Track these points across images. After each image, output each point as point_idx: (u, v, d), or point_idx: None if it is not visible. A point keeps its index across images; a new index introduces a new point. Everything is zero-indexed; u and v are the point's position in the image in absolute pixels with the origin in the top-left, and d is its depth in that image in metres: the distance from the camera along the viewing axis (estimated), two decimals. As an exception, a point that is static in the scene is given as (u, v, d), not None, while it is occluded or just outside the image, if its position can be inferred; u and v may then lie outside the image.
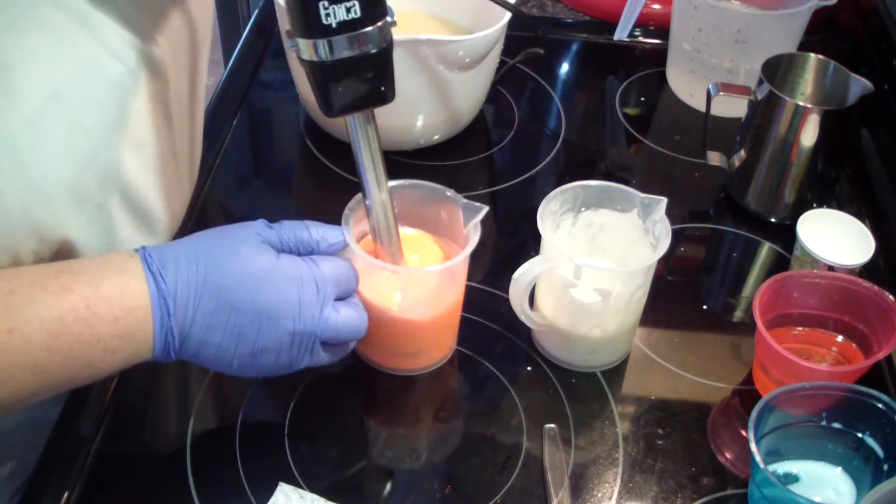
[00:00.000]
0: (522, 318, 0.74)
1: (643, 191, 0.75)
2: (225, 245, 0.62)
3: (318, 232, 0.66)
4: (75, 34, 0.58)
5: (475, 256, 0.71)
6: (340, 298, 0.66)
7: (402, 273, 0.70)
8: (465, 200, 0.72)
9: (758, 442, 0.63)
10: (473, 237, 0.70)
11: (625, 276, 0.73)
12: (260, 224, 0.65)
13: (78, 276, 0.57)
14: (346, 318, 0.65)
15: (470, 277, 0.83)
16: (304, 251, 0.65)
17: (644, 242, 0.75)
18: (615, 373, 0.77)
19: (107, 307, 0.57)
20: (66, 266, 0.58)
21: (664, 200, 0.73)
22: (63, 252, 0.62)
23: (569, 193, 0.76)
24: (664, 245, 0.71)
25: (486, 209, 0.70)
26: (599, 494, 0.68)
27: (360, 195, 0.69)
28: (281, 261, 0.63)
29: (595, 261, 0.79)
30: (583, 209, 0.77)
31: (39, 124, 0.56)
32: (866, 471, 0.67)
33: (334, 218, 0.92)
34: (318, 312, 0.63)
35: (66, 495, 0.66)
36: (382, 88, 0.64)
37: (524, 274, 0.71)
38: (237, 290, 0.61)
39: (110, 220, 0.65)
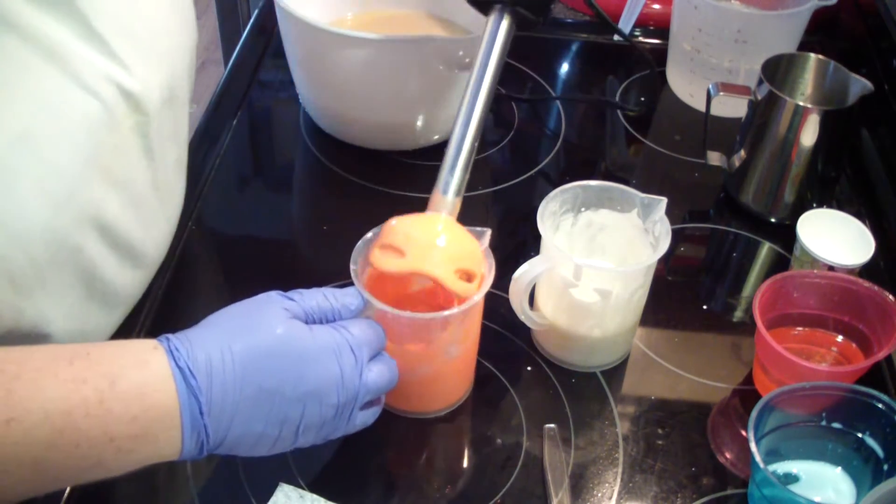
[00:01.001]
0: (522, 318, 0.74)
1: (643, 191, 0.75)
2: (259, 326, 0.57)
3: (337, 300, 0.62)
4: (42, 68, 0.55)
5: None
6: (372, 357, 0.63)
7: (429, 321, 0.68)
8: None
9: (758, 442, 0.63)
10: (489, 272, 0.67)
11: (625, 276, 0.73)
12: (279, 297, 0.60)
13: (94, 365, 0.52)
14: (379, 373, 0.62)
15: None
16: (328, 319, 0.62)
17: (644, 242, 0.75)
18: (615, 373, 0.77)
19: (123, 405, 0.52)
20: (83, 351, 0.53)
21: (664, 200, 0.73)
22: (38, 301, 0.59)
23: (569, 193, 0.76)
24: (664, 245, 0.71)
25: (489, 232, 0.68)
26: (599, 494, 0.68)
27: (363, 238, 0.68)
28: (315, 335, 0.59)
29: (595, 261, 0.79)
30: (583, 209, 0.77)
31: (8, 166, 0.53)
32: (866, 471, 0.67)
33: (336, 218, 0.92)
34: (358, 379, 0.60)
35: (66, 495, 0.66)
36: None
37: (524, 274, 0.71)
38: (280, 373, 0.57)
39: (91, 259, 0.62)
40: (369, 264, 0.67)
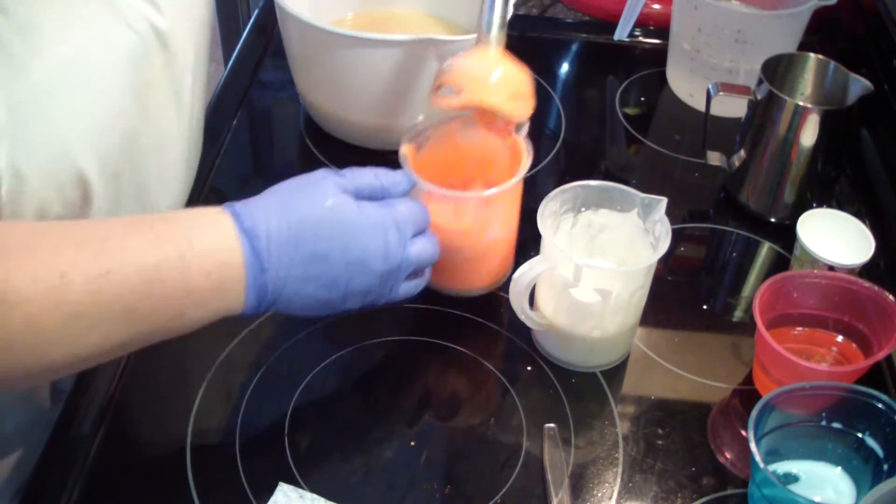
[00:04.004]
0: (522, 317, 0.74)
1: (643, 191, 0.75)
2: (311, 198, 0.64)
3: (387, 178, 0.68)
4: (91, 1, 0.60)
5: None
6: (416, 234, 0.69)
7: (469, 198, 0.75)
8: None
9: (758, 442, 0.63)
10: (526, 156, 0.74)
11: (625, 276, 0.73)
12: (332, 173, 0.66)
13: (173, 227, 0.58)
14: (421, 248, 0.68)
15: (470, 277, 0.83)
16: (377, 197, 0.67)
17: (644, 242, 0.75)
18: (615, 373, 0.77)
19: (200, 260, 0.57)
20: (161, 217, 0.59)
21: (664, 200, 0.73)
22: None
23: (569, 193, 0.76)
24: (664, 245, 0.71)
25: (527, 124, 0.76)
26: (599, 494, 0.68)
27: (410, 128, 0.76)
28: (363, 209, 0.65)
29: (595, 261, 0.79)
30: (583, 209, 0.77)
31: (64, 83, 0.57)
32: (866, 471, 0.67)
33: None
34: (401, 252, 0.66)
35: (66, 495, 0.66)
36: None
37: (524, 274, 0.71)
38: (329, 241, 0.63)
39: (118, 192, 0.66)
40: (420, 147, 0.75)
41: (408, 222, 0.67)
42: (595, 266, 0.76)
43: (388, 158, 0.96)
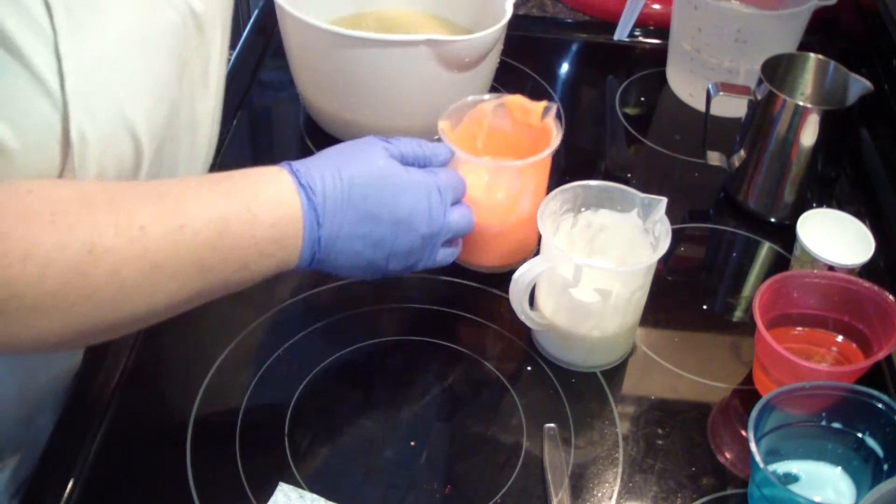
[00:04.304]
0: (522, 317, 0.74)
1: (643, 191, 0.75)
2: (362, 158, 0.67)
3: (429, 148, 0.72)
4: None
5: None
6: (454, 203, 0.73)
7: (507, 167, 0.78)
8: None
9: (758, 442, 0.63)
10: (556, 132, 0.78)
11: (625, 275, 0.73)
12: (381, 140, 0.70)
13: (238, 183, 0.61)
14: (460, 216, 0.72)
15: (470, 277, 0.83)
16: (420, 165, 0.71)
17: (644, 243, 0.75)
18: (615, 373, 0.77)
19: (266, 211, 0.61)
20: (225, 175, 0.62)
21: (664, 200, 0.73)
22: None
23: (569, 193, 0.76)
24: (664, 245, 0.71)
25: (555, 106, 0.79)
26: (599, 494, 0.68)
27: (448, 108, 0.80)
28: (409, 172, 0.69)
29: (594, 261, 0.79)
30: (583, 209, 0.77)
31: (126, 53, 0.59)
32: (866, 471, 0.67)
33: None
34: (443, 216, 0.70)
35: (66, 495, 0.66)
36: None
37: (524, 274, 0.71)
38: (378, 200, 0.66)
39: (159, 167, 0.67)
40: (454, 126, 0.80)
41: (448, 188, 0.70)
42: (595, 266, 0.76)
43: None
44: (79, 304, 0.53)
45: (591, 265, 0.74)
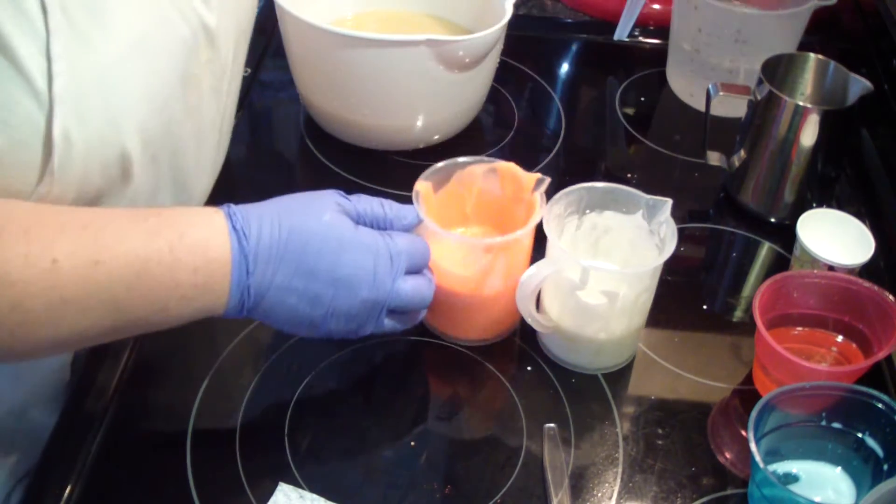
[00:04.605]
0: (529, 320, 0.74)
1: (643, 191, 0.75)
2: (308, 210, 0.64)
3: (392, 210, 0.69)
4: None
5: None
6: (412, 272, 0.69)
7: (474, 244, 0.75)
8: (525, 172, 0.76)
9: (758, 442, 0.63)
10: (539, 210, 0.72)
11: (631, 277, 0.73)
12: (336, 194, 0.67)
13: (165, 222, 0.59)
14: (414, 287, 0.68)
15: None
16: (379, 226, 0.68)
17: (649, 244, 0.75)
18: (615, 373, 0.77)
19: (189, 255, 0.58)
20: (155, 211, 0.60)
21: (669, 202, 0.73)
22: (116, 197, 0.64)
23: (573, 195, 0.75)
24: (670, 246, 0.70)
25: (547, 179, 0.74)
26: (599, 494, 0.68)
27: (432, 168, 0.75)
28: (359, 231, 0.65)
29: (601, 263, 0.79)
30: (587, 211, 0.77)
31: (125, 63, 0.59)
32: (866, 471, 0.67)
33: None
34: (390, 283, 0.66)
35: (66, 495, 0.66)
36: None
37: (531, 277, 0.71)
38: (317, 255, 0.63)
39: (157, 176, 0.67)
40: (439, 186, 0.75)
41: (403, 255, 0.66)
42: (602, 268, 0.76)
43: (388, 158, 0.97)
44: None
45: (597, 267, 0.73)
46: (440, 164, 0.76)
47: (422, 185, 0.74)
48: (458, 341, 0.78)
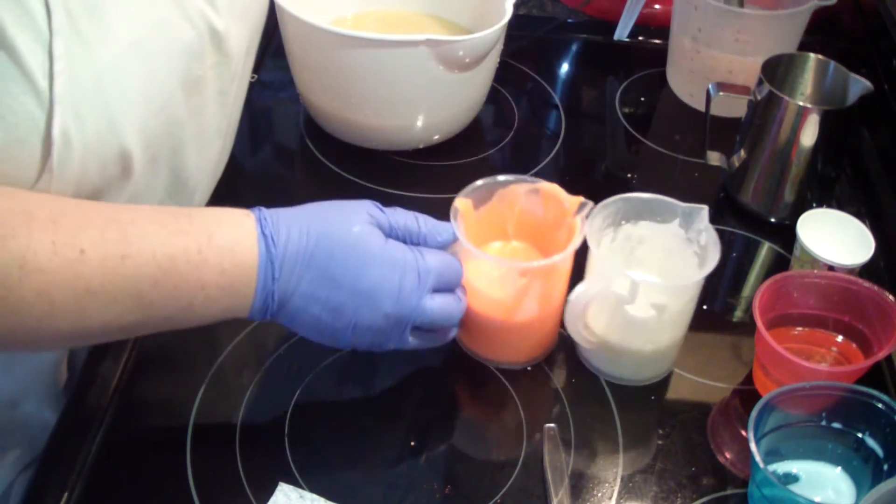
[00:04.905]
0: (577, 338, 0.73)
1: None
2: (337, 220, 0.64)
3: (427, 225, 0.68)
4: None
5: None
6: (442, 290, 0.67)
7: (510, 266, 0.73)
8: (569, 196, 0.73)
9: (758, 442, 0.63)
10: (579, 234, 0.70)
11: (680, 289, 0.71)
12: (371, 205, 0.66)
13: (195, 222, 0.59)
14: (441, 306, 0.67)
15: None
16: (412, 241, 0.67)
17: (686, 252, 0.74)
18: (615, 373, 0.77)
19: (217, 257, 0.58)
20: (185, 211, 0.60)
21: (705, 208, 0.72)
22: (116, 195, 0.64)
23: (610, 208, 0.74)
24: (714, 254, 0.70)
25: (591, 204, 0.71)
26: (599, 494, 0.68)
27: (472, 185, 0.72)
28: (388, 245, 0.65)
29: (649, 276, 0.77)
30: (623, 222, 0.75)
31: (124, 64, 0.59)
32: (866, 471, 0.67)
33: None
34: (416, 300, 0.65)
35: (66, 495, 0.66)
36: None
37: (580, 295, 0.69)
38: (343, 266, 0.62)
39: (157, 176, 0.67)
40: (480, 203, 0.73)
41: (432, 273, 0.65)
42: (651, 281, 0.74)
43: (388, 158, 0.97)
44: (4, 316, 0.52)
45: (648, 281, 0.72)
46: (480, 182, 0.74)
47: (461, 203, 0.71)
48: (489, 363, 0.76)
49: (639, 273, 0.76)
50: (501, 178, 0.75)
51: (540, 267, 0.71)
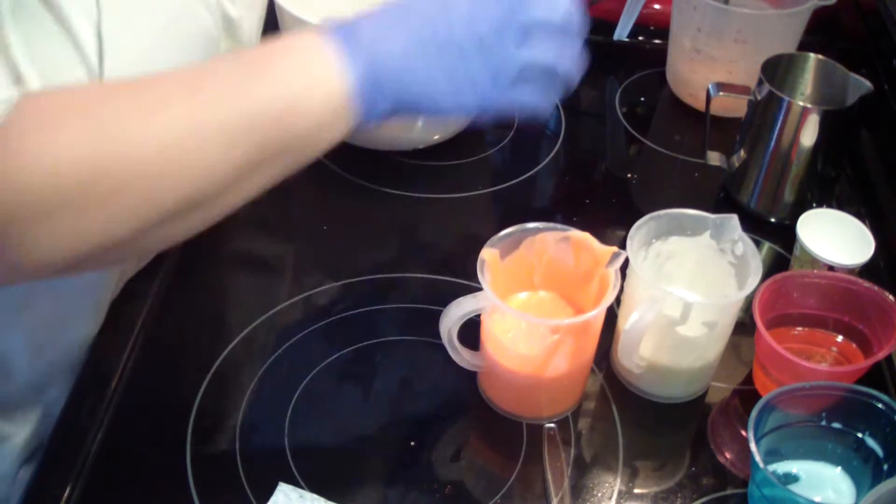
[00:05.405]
0: (630, 366, 0.71)
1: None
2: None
3: None
4: None
5: (471, 258, 0.71)
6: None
7: (540, 324, 0.70)
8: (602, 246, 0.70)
9: (758, 442, 0.63)
10: (612, 288, 0.67)
11: (729, 304, 0.71)
12: None
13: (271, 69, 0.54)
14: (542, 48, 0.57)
15: (469, 278, 0.83)
16: None
17: (720, 263, 0.74)
18: (615, 373, 0.77)
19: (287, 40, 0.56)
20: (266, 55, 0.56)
21: (734, 217, 0.71)
22: None
23: (643, 228, 0.73)
24: (756, 264, 0.69)
25: (624, 254, 0.68)
26: (599, 494, 0.68)
27: (500, 234, 0.70)
28: None
29: (699, 296, 0.76)
30: (653, 241, 0.74)
31: (151, 56, 0.60)
32: (866, 471, 0.67)
33: (336, 218, 0.92)
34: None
35: (66, 495, 0.66)
36: None
37: (635, 324, 0.67)
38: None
39: None
40: (507, 252, 0.70)
41: None
42: (704, 301, 0.73)
43: (388, 158, 0.97)
44: (129, 183, 0.50)
45: (701, 301, 0.71)
46: (509, 230, 0.71)
47: (488, 253, 0.68)
48: (514, 418, 0.73)
49: (689, 293, 0.76)
50: (531, 225, 0.72)
51: (572, 325, 0.68)
